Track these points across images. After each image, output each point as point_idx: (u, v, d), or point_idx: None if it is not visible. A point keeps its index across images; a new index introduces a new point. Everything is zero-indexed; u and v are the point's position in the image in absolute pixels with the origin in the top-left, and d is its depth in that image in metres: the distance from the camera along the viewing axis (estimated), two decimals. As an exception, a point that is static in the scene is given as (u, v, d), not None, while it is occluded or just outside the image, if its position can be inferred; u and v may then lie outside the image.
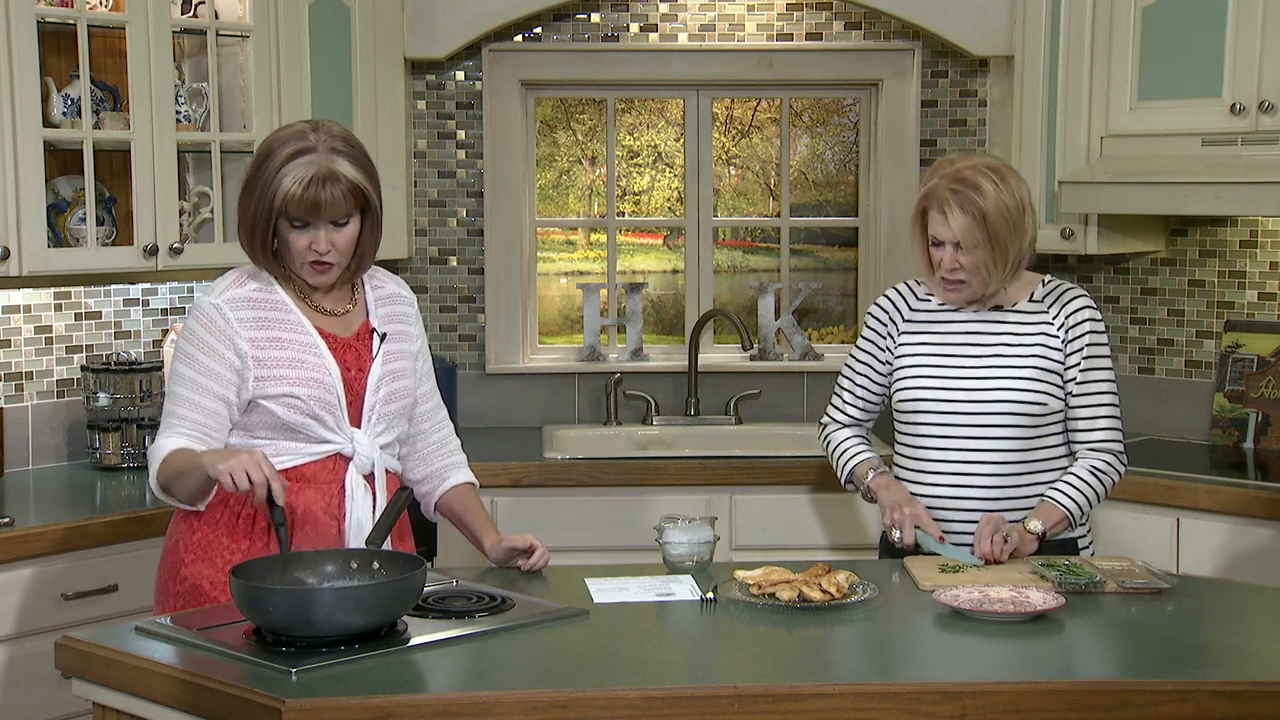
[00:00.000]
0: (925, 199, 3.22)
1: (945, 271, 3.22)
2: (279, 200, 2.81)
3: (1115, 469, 3.27)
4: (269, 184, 2.82)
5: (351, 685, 2.35)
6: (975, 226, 3.15)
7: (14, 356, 4.15)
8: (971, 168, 3.18)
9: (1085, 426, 3.27)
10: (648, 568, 3.11)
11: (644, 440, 4.88)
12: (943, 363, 3.30)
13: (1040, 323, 3.28)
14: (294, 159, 2.82)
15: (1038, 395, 3.24)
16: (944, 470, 3.28)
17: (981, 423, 3.25)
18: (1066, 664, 2.61)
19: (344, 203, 2.84)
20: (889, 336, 3.38)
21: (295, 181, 2.80)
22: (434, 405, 3.15)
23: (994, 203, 3.15)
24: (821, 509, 4.32)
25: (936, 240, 3.21)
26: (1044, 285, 3.33)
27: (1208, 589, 2.99)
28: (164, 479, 2.83)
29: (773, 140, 5.17)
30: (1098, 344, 3.27)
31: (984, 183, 3.16)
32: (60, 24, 3.90)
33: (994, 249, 3.17)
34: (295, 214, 2.82)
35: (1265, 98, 4.06)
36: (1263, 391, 4.48)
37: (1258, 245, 4.56)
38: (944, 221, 3.17)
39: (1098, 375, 3.27)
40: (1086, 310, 3.27)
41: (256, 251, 2.90)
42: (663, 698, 2.34)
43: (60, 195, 4.08)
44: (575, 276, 5.23)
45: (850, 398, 3.44)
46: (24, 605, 3.44)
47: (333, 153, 2.83)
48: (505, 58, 4.92)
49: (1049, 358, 3.25)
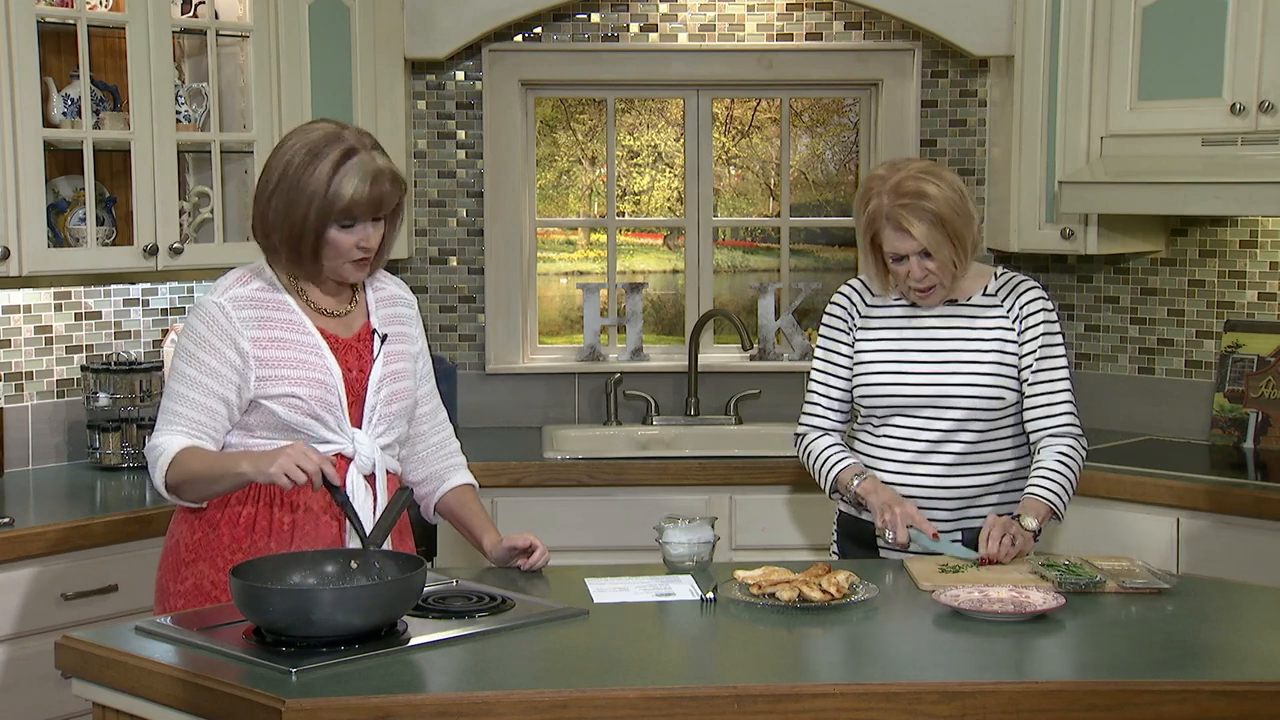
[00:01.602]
0: (873, 221, 3.24)
1: (915, 282, 3.25)
2: (344, 203, 2.81)
3: (1079, 452, 3.30)
4: (324, 187, 2.81)
5: (351, 685, 2.35)
6: (934, 230, 3.19)
7: (14, 356, 4.15)
8: (908, 178, 3.21)
9: (1044, 413, 3.30)
10: (648, 568, 3.11)
11: (644, 440, 4.88)
12: (901, 359, 3.33)
13: (996, 316, 3.32)
14: (346, 160, 2.82)
15: (997, 390, 3.28)
16: (901, 460, 3.32)
17: (941, 417, 3.29)
18: (1066, 664, 2.61)
19: (394, 199, 2.88)
20: (849, 332, 3.39)
21: (362, 182, 2.81)
22: (434, 407, 3.15)
23: (943, 202, 3.20)
24: (822, 509, 4.31)
25: (898, 256, 3.24)
26: (996, 278, 3.37)
27: (1208, 589, 2.99)
28: (175, 479, 2.81)
29: (773, 140, 5.17)
30: (1051, 332, 3.31)
31: (926, 187, 3.19)
32: (60, 24, 3.90)
33: (954, 245, 3.22)
34: (358, 214, 2.83)
35: (1265, 98, 4.06)
36: (1263, 391, 4.48)
37: (1258, 245, 4.56)
38: (904, 236, 3.20)
39: (1053, 363, 3.30)
40: (1039, 301, 3.32)
41: (304, 258, 2.87)
42: (663, 698, 2.34)
43: (60, 195, 4.08)
44: (575, 276, 5.23)
45: (825, 404, 3.43)
46: (24, 605, 3.44)
47: (374, 149, 2.87)
48: (505, 58, 4.92)
49: (1006, 351, 3.30)
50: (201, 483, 2.79)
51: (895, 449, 3.33)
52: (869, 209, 3.24)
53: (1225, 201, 4.05)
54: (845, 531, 3.45)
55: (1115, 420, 4.73)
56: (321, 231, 2.84)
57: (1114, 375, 4.84)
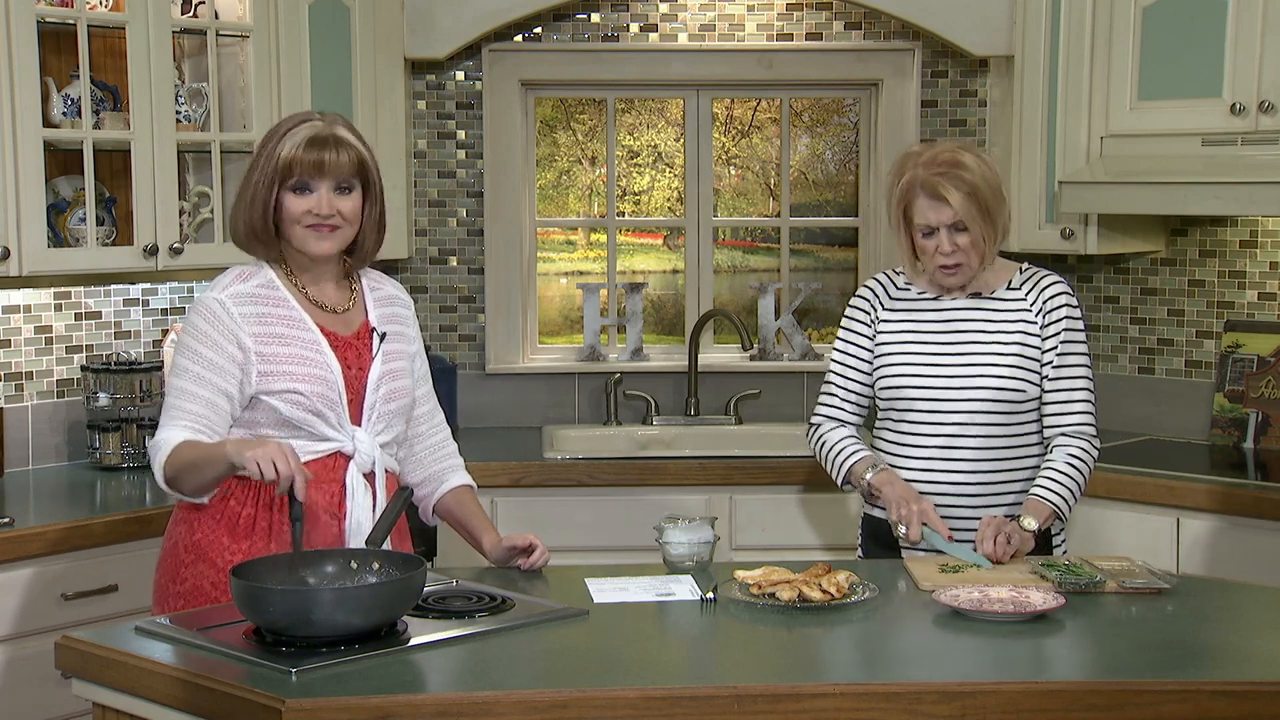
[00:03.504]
0: (908, 191, 3.23)
1: (944, 256, 3.23)
2: (283, 163, 2.84)
3: (1090, 455, 3.29)
4: (271, 153, 2.86)
5: (351, 685, 2.35)
6: (970, 201, 3.18)
7: (14, 356, 4.15)
8: (945, 150, 3.22)
9: (1060, 411, 3.29)
10: (648, 568, 3.11)
11: (644, 440, 4.88)
12: (923, 350, 3.31)
13: (1019, 309, 3.30)
14: (296, 127, 2.88)
15: (1018, 383, 3.26)
16: (923, 456, 3.30)
17: (962, 409, 3.27)
18: (1066, 664, 2.61)
19: (347, 166, 2.88)
20: (871, 324, 3.38)
21: (299, 143, 2.85)
22: (431, 408, 3.15)
23: (980, 175, 3.20)
24: (821, 509, 4.32)
25: (929, 228, 3.22)
26: (1021, 273, 3.36)
27: (1208, 589, 2.99)
28: (172, 471, 2.82)
29: (773, 140, 5.17)
30: (1074, 329, 3.30)
31: (964, 158, 3.20)
32: (60, 24, 3.90)
33: (986, 222, 3.20)
34: (298, 173, 2.84)
35: (1265, 98, 4.06)
36: (1263, 391, 4.48)
37: (1258, 245, 4.56)
38: (939, 205, 3.19)
39: (1073, 360, 3.29)
40: (1063, 296, 3.31)
41: (255, 228, 2.89)
42: (663, 698, 2.34)
43: (60, 195, 4.08)
44: (575, 276, 5.23)
45: (842, 395, 3.42)
46: (24, 605, 3.45)
47: (336, 124, 2.90)
48: (505, 58, 4.92)
49: (1028, 344, 3.28)
50: (193, 470, 2.79)
51: (917, 445, 3.30)
52: (904, 181, 3.23)
53: (1225, 201, 4.05)
54: (870, 533, 3.44)
55: (1115, 420, 4.72)
56: (269, 196, 2.86)
57: (1114, 375, 4.84)
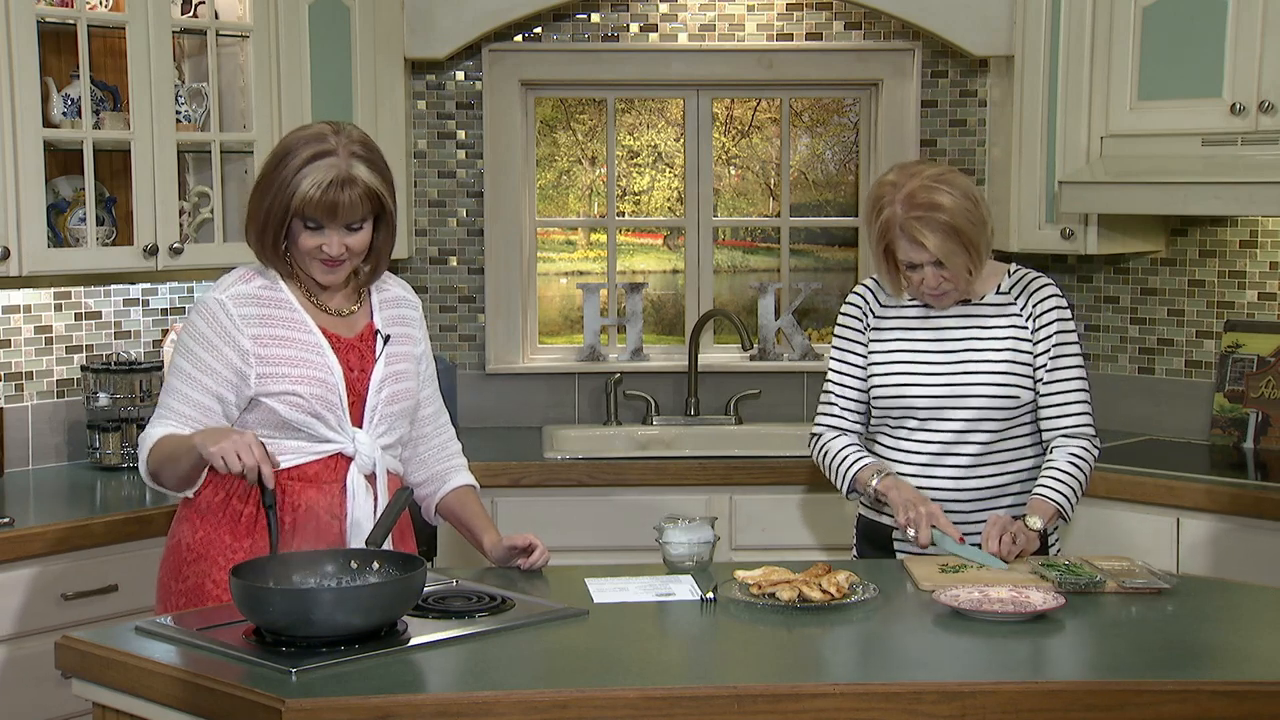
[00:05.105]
0: (886, 231, 3.20)
1: (929, 289, 3.23)
2: (296, 201, 2.81)
3: (1091, 454, 3.29)
4: (286, 183, 2.82)
5: (351, 685, 2.35)
6: (948, 240, 3.15)
7: (14, 356, 4.15)
8: (921, 187, 3.15)
9: (1057, 413, 3.28)
10: (648, 568, 3.11)
11: (644, 440, 4.88)
12: (916, 361, 3.31)
13: (1009, 315, 3.30)
14: (313, 161, 2.81)
15: (1011, 390, 3.26)
16: (918, 464, 3.30)
17: (956, 418, 3.27)
18: (1066, 664, 2.61)
19: (359, 207, 2.84)
20: (864, 331, 3.38)
21: (314, 184, 2.80)
22: (436, 409, 3.15)
23: (958, 212, 3.15)
24: (821, 509, 4.32)
25: (912, 264, 3.21)
26: (1009, 276, 3.34)
27: (1208, 589, 2.99)
28: (153, 465, 2.84)
29: (773, 140, 5.17)
30: (1066, 330, 3.29)
31: (939, 197, 3.14)
32: (60, 24, 3.90)
33: (969, 252, 3.18)
34: (311, 215, 2.83)
35: (1265, 98, 4.06)
36: (1263, 391, 4.48)
37: (1258, 245, 4.56)
38: (918, 247, 3.17)
39: (1067, 362, 3.28)
40: (1053, 298, 3.30)
41: (266, 248, 2.90)
42: (663, 698, 2.34)
43: (60, 195, 4.08)
44: (575, 276, 5.23)
45: (842, 404, 3.41)
46: (24, 605, 3.45)
47: (352, 157, 2.84)
48: (505, 58, 4.92)
49: (1020, 350, 3.28)
50: (171, 462, 2.80)
51: (912, 450, 3.31)
52: (882, 218, 3.19)
53: (1225, 201, 4.05)
54: (864, 534, 3.44)
55: (1115, 420, 4.73)
56: (281, 226, 2.85)
57: (1114, 375, 4.84)
